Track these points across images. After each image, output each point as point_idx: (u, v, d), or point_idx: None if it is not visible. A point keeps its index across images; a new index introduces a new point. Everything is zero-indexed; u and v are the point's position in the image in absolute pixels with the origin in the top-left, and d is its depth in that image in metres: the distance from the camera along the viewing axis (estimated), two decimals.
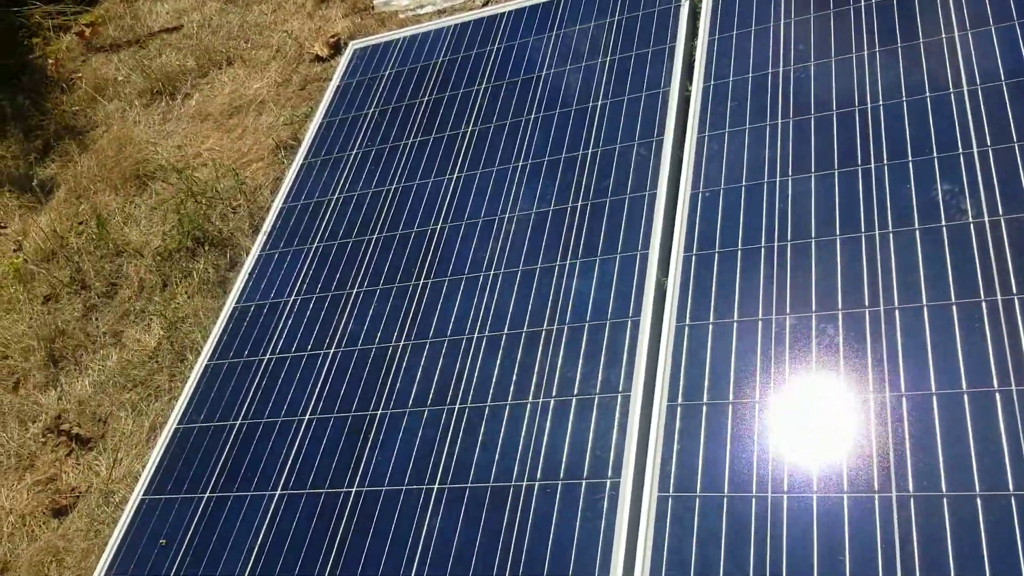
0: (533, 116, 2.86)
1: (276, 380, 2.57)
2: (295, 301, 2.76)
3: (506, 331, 2.32)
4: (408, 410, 2.30)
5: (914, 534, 1.62)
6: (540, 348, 2.23)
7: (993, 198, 1.98)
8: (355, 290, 2.68)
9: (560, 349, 2.20)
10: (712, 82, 2.63)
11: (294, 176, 3.20)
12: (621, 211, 2.42)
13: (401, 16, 3.80)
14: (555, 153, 2.70)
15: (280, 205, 3.12)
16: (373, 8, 3.92)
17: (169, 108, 4.06)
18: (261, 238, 3.04)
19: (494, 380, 2.24)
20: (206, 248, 3.27)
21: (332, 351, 2.55)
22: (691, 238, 2.27)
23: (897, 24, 2.45)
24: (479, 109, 3.01)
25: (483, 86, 3.10)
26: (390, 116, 3.21)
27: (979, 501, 1.61)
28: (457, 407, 2.24)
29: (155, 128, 3.97)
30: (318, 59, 3.85)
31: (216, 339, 2.79)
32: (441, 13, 3.73)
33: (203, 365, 2.74)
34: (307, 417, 2.43)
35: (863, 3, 2.57)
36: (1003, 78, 2.17)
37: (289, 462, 2.34)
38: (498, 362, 2.26)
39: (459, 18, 3.46)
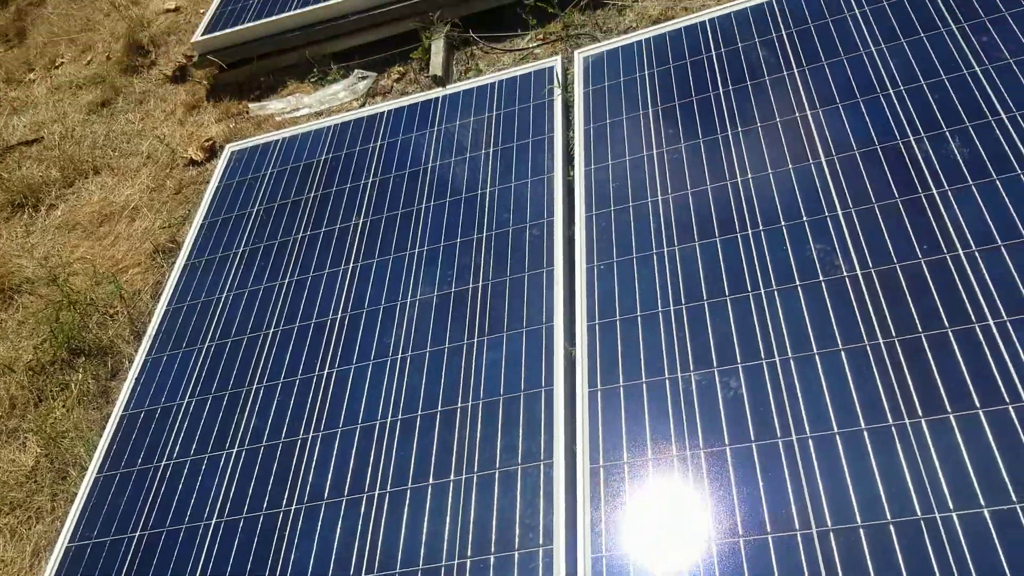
0: (424, 205, 2.94)
1: (175, 487, 2.45)
2: (189, 403, 2.66)
3: (420, 412, 2.32)
4: (324, 502, 2.24)
5: (838, 566, 1.71)
6: (457, 426, 2.25)
7: (862, 253, 2.18)
8: (255, 386, 2.62)
9: (478, 425, 2.22)
10: (592, 166, 2.80)
11: (177, 278, 3.13)
12: (522, 288, 2.50)
13: (278, 119, 3.84)
14: (450, 238, 2.77)
15: (165, 308, 3.03)
16: (248, 112, 3.94)
17: (32, 220, 3.90)
18: (146, 342, 2.94)
19: (413, 462, 2.22)
20: (84, 358, 3.12)
21: (235, 450, 2.47)
22: (592, 308, 2.37)
23: (755, 107, 2.70)
24: (368, 202, 3.06)
25: (370, 180, 3.16)
26: (276, 213, 3.21)
27: (892, 528, 1.72)
28: (377, 493, 2.20)
29: (18, 241, 3.79)
30: (193, 163, 3.81)
31: (104, 450, 2.65)
32: (318, 115, 3.79)
33: (92, 478, 2.58)
34: (214, 521, 2.32)
35: (721, 90, 2.81)
36: (855, 147, 2.42)
37: (199, 571, 2.22)
38: (415, 443, 2.26)
39: (339, 118, 3.53)
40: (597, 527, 1.94)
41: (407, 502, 2.15)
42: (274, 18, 4.02)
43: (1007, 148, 2.22)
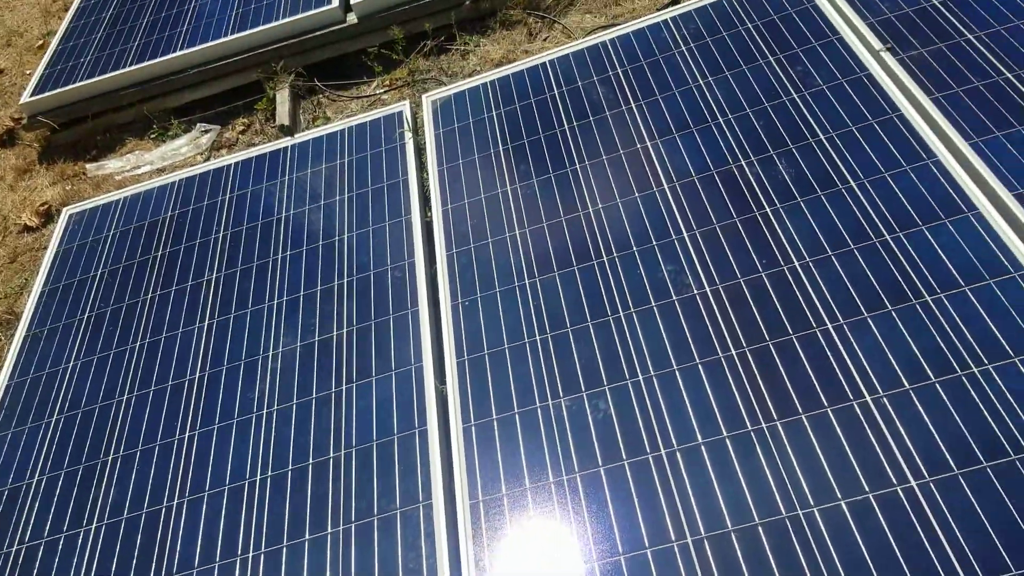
0: (281, 256, 2.89)
1: (30, 573, 2.28)
2: (40, 481, 2.49)
3: (291, 467, 2.26)
4: (196, 570, 2.14)
5: (714, 571, 1.78)
6: (331, 476, 2.20)
7: (709, 271, 2.30)
8: (111, 457, 2.48)
9: (352, 472, 2.19)
10: (449, 205, 2.83)
11: (17, 350, 2.94)
12: (388, 331, 2.50)
13: (118, 178, 3.69)
14: (310, 287, 2.74)
15: (5, 383, 2.84)
16: (86, 173, 3.77)
17: None
18: None
19: (287, 518, 2.16)
20: None
21: (95, 527, 2.33)
22: (460, 344, 2.39)
23: (599, 141, 2.82)
24: (221, 256, 2.99)
25: (221, 233, 3.08)
26: (122, 275, 3.08)
27: (760, 530, 1.81)
28: (251, 555, 2.13)
29: None
30: (28, 229, 3.61)
31: None
32: (161, 172, 3.68)
33: None
34: None
35: (566, 126, 2.92)
36: (693, 174, 2.56)
37: None
38: (288, 499, 2.20)
39: (184, 173, 3.43)
40: (481, 562, 1.94)
41: (283, 561, 2.08)
42: (108, 75, 3.88)
43: (827, 166, 2.41)
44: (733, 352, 2.11)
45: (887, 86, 2.55)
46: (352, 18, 3.78)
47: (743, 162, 2.54)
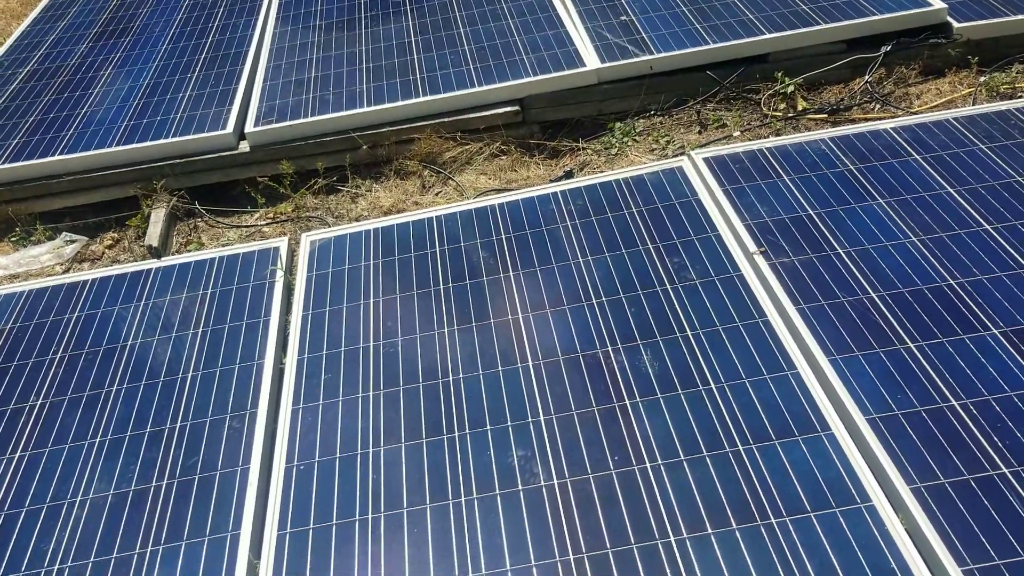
0: (115, 388, 2.67)
1: None
2: None
3: None
4: None
5: None
6: None
7: (560, 462, 2.19)
8: None
9: None
10: (307, 354, 2.68)
11: None
12: (211, 489, 2.28)
13: None
14: (139, 428, 2.51)
15: None
16: None
17: None
18: None
19: None
20: None
21: None
22: (285, 515, 2.19)
23: (472, 306, 2.74)
24: (52, 381, 2.74)
25: (59, 355, 2.84)
26: None
27: None
28: None
29: None
30: None
31: None
32: (14, 278, 3.43)
33: None
34: None
35: (442, 286, 2.84)
36: (560, 354, 2.49)
37: None
38: None
39: (36, 283, 3.20)
40: None
41: None
42: None
43: (691, 364, 2.37)
44: (571, 556, 1.97)
45: (757, 290, 2.56)
46: (244, 146, 3.70)
47: (610, 348, 2.48)
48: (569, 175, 3.47)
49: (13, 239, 3.62)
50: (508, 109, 3.69)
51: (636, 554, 1.95)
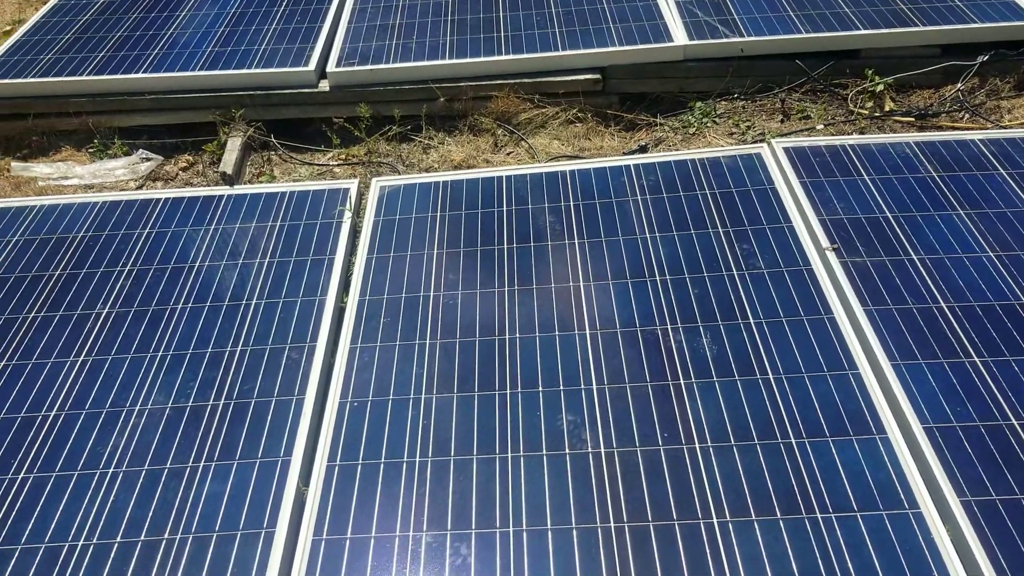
0: (180, 306, 2.73)
1: None
2: None
3: (119, 539, 2.06)
4: None
5: None
6: (158, 562, 2.00)
7: (609, 431, 2.21)
8: None
9: (181, 563, 1.99)
10: (368, 296, 2.72)
11: None
12: (266, 414, 2.34)
13: (41, 183, 3.52)
14: (200, 347, 2.57)
15: None
16: (8, 171, 3.59)
17: None
18: None
19: None
20: None
21: None
22: (336, 447, 2.24)
23: (534, 269, 2.75)
24: (120, 291, 2.81)
25: (127, 268, 2.91)
26: (10, 287, 2.88)
27: None
28: None
29: None
30: None
31: None
32: (89, 188, 3.51)
33: None
34: None
35: (506, 246, 2.85)
36: (618, 326, 2.50)
37: None
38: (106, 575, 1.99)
39: (110, 196, 3.28)
40: None
41: None
42: (64, 79, 3.75)
43: (751, 351, 2.36)
44: (612, 525, 1.99)
45: (825, 286, 2.53)
46: (324, 85, 3.72)
47: (669, 326, 2.48)
48: (644, 149, 3.45)
49: (91, 150, 3.69)
50: (589, 76, 3.67)
51: (677, 530, 1.96)
